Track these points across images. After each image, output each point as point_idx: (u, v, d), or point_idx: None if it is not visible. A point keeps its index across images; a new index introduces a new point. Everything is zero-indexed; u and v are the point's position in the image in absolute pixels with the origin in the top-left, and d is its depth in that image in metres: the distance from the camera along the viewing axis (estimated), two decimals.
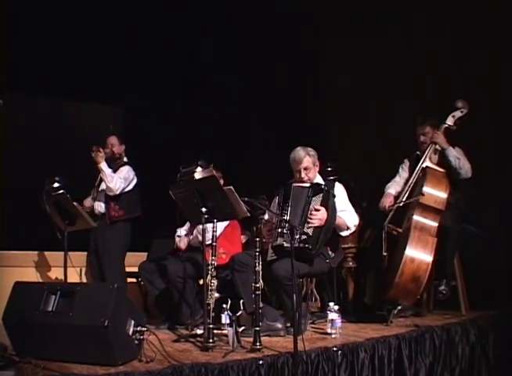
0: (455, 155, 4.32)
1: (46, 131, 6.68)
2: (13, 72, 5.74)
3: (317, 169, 3.97)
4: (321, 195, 3.72)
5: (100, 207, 4.96)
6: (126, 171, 4.93)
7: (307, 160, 3.87)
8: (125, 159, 5.08)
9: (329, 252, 3.85)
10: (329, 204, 3.72)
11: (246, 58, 7.39)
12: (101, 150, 4.81)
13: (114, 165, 4.98)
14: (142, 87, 6.94)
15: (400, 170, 4.68)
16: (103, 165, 4.81)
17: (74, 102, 6.94)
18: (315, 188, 3.77)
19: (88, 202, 5.07)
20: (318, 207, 3.68)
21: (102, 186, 4.94)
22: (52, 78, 6.35)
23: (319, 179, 3.98)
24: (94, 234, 4.98)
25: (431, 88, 5.75)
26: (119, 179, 4.84)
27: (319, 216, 3.65)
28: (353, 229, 3.97)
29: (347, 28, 6.88)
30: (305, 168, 3.88)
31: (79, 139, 6.67)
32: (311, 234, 3.63)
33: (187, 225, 4.49)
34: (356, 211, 4.08)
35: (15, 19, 6.01)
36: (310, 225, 3.65)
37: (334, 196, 3.82)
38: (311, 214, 3.66)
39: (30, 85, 6.25)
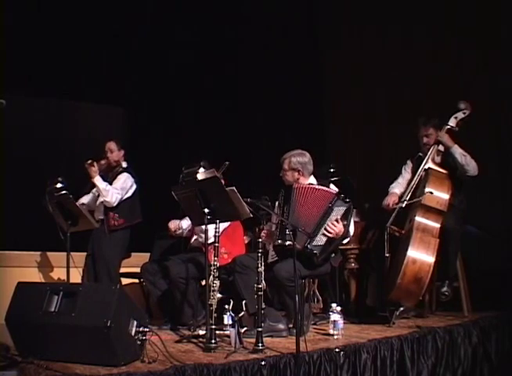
0: (461, 152, 4.32)
1: (46, 131, 6.68)
2: (13, 72, 5.75)
3: (298, 175, 3.91)
4: (344, 208, 3.72)
5: (100, 217, 4.95)
6: (123, 181, 4.90)
7: (286, 163, 3.94)
8: (124, 164, 5.04)
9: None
10: (348, 219, 3.73)
11: (247, 57, 7.39)
12: (95, 164, 4.79)
13: (112, 174, 4.97)
14: (143, 87, 6.95)
15: (403, 171, 4.68)
16: (97, 180, 4.79)
17: (74, 102, 6.94)
18: (342, 199, 3.74)
19: (85, 198, 5.05)
20: (338, 221, 3.67)
21: (100, 199, 4.89)
22: (52, 78, 6.36)
23: (312, 181, 3.98)
24: (92, 238, 4.96)
25: (431, 89, 5.75)
26: (115, 191, 4.81)
27: (337, 229, 3.66)
28: (351, 235, 3.99)
29: (348, 28, 6.89)
30: (283, 170, 3.95)
31: (79, 139, 6.69)
32: (322, 244, 3.65)
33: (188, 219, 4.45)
34: (358, 212, 4.07)
35: (15, 18, 6.02)
36: (325, 234, 3.66)
37: (354, 210, 3.81)
38: (329, 226, 3.65)
39: (29, 85, 6.25)
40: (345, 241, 3.98)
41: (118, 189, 4.84)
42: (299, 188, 3.79)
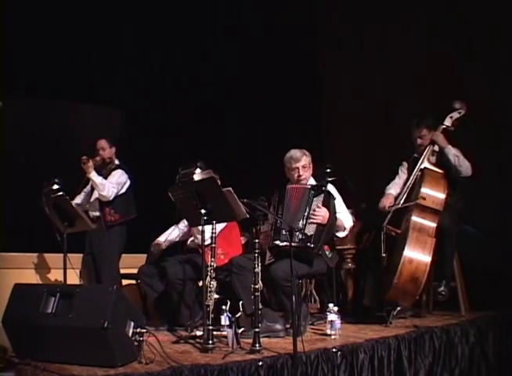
0: (454, 153, 4.33)
1: (45, 131, 6.67)
2: (12, 73, 5.74)
3: (311, 171, 4.00)
4: (322, 196, 3.76)
5: (95, 213, 4.95)
6: (118, 176, 4.93)
7: (304, 159, 3.95)
8: (117, 162, 5.06)
9: (327, 252, 3.86)
10: (330, 204, 3.76)
11: (246, 57, 7.38)
12: (90, 160, 4.82)
13: (106, 170, 4.98)
14: (141, 88, 6.94)
15: (400, 172, 4.69)
16: (93, 175, 4.81)
17: (73, 102, 6.93)
18: (316, 189, 3.80)
19: (78, 199, 5.06)
20: (319, 206, 3.71)
21: (95, 195, 4.91)
22: (52, 79, 6.35)
23: (311, 181, 4.00)
24: (90, 236, 4.97)
25: (431, 88, 5.75)
26: (111, 185, 4.83)
27: (322, 213, 3.68)
28: (348, 230, 4.01)
29: (347, 28, 6.89)
30: (303, 167, 3.94)
31: (78, 139, 6.67)
32: (313, 233, 3.66)
33: (183, 224, 4.46)
34: (355, 212, 4.07)
35: (14, 18, 6.01)
36: (312, 221, 3.68)
37: (334, 198, 3.84)
38: (313, 212, 3.69)
39: (29, 85, 6.25)
40: (342, 235, 4.00)
41: (114, 183, 4.87)
42: (292, 188, 3.83)
